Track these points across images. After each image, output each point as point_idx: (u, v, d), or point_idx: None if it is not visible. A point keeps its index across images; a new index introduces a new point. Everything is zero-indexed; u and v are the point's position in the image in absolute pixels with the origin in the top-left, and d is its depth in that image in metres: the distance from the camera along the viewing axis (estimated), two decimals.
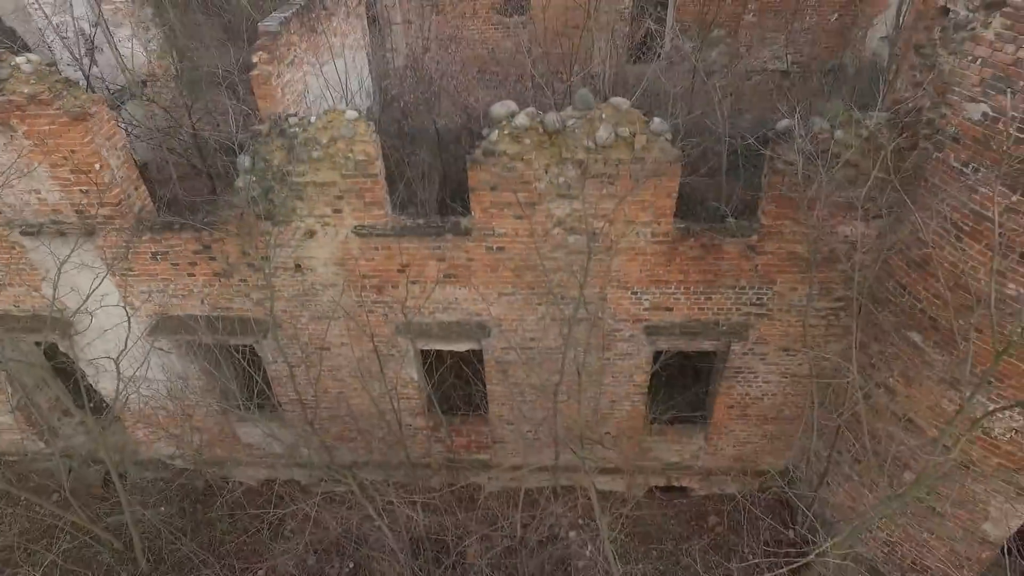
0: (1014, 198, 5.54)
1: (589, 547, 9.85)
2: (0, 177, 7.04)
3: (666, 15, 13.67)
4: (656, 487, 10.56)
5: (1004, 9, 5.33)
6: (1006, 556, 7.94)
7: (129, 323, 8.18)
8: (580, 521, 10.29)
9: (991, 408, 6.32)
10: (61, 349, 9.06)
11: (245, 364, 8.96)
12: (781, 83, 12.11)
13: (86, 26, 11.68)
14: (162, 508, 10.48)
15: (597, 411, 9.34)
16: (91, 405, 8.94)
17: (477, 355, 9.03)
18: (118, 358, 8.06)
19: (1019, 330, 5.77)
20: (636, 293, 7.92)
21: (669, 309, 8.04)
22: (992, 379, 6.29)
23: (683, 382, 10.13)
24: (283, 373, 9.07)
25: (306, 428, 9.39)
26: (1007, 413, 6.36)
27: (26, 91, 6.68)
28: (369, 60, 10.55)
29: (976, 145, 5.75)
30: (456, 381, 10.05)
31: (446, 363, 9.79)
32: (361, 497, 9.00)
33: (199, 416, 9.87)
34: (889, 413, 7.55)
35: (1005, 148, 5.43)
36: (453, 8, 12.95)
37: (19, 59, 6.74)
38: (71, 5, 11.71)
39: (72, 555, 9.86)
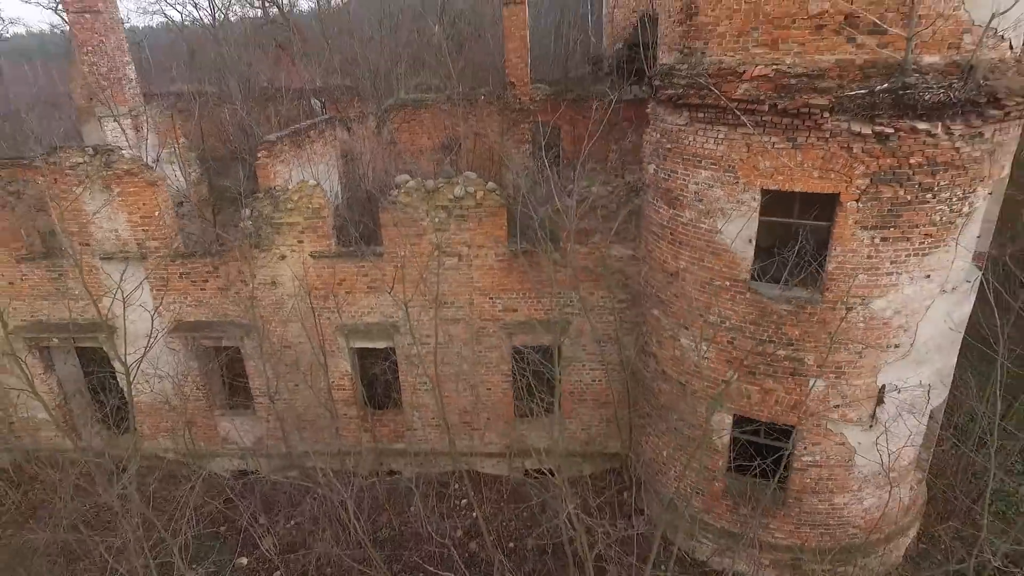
0: (672, 212, 9.97)
1: None
2: (96, 220, 11.62)
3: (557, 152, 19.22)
4: (528, 470, 13.72)
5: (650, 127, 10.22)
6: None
7: (152, 325, 12.24)
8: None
9: (693, 341, 10.20)
10: (104, 348, 12.97)
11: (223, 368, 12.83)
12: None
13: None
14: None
15: (477, 398, 12.97)
16: (114, 405, 12.58)
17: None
18: (144, 352, 11.97)
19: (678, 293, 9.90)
20: (492, 298, 12.08)
21: (515, 310, 12.15)
22: (688, 327, 10.24)
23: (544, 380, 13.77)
24: (258, 369, 12.89)
25: (270, 419, 12.99)
26: (686, 341, 10.18)
27: (124, 168, 11.50)
28: (339, 173, 15.77)
29: (654, 186, 10.33)
30: (382, 380, 13.72)
31: (375, 367, 13.58)
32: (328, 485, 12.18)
33: (192, 409, 13.44)
34: (655, 372, 11.30)
35: (662, 185, 10.00)
36: (406, 149, 18.54)
37: (124, 152, 11.65)
38: (145, 146, 17.22)
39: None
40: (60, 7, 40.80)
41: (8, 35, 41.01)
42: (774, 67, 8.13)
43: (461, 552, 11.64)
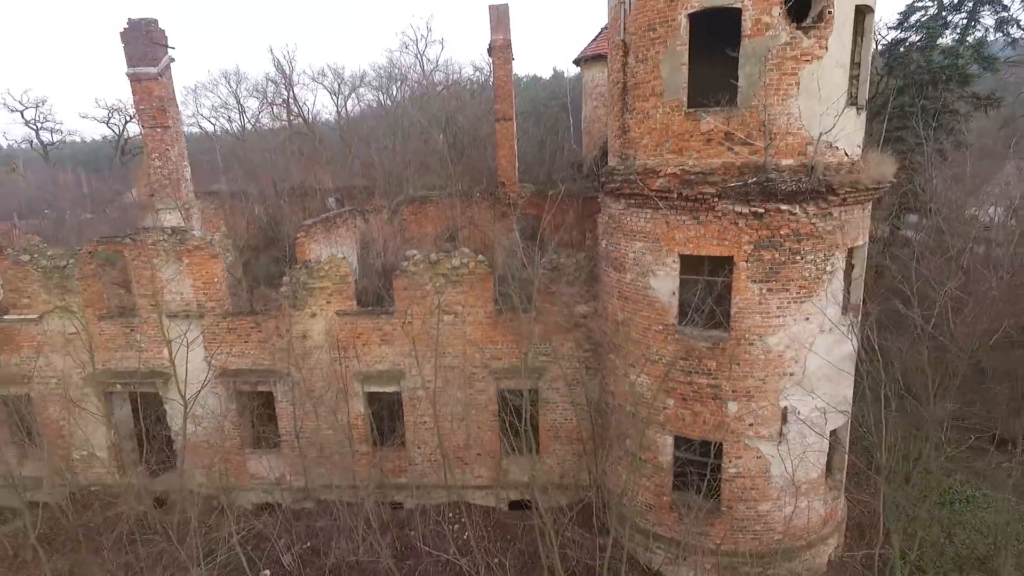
0: (618, 275, 12.97)
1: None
2: (168, 285, 14.66)
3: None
4: (512, 502, 15.86)
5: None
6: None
7: (208, 372, 14.95)
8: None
9: (639, 377, 12.88)
10: (160, 392, 15.57)
11: (254, 410, 15.39)
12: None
13: None
14: None
15: (469, 435, 15.42)
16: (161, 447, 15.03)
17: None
18: (196, 394, 14.63)
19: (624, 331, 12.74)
20: (481, 348, 14.86)
21: (500, 359, 14.89)
22: (635, 365, 12.97)
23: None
24: (286, 411, 15.45)
25: (293, 456, 15.39)
26: (643, 378, 12.83)
27: (194, 244, 14.68)
28: (358, 253, 18.99)
29: (605, 256, 13.40)
30: (389, 423, 16.17)
31: (384, 410, 16.09)
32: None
33: (227, 447, 15.84)
34: (613, 406, 13.88)
35: (610, 254, 13.09)
36: (414, 235, 21.90)
37: (194, 231, 14.89)
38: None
39: None
40: (111, 120, 46.34)
41: (55, 142, 46.01)
42: (680, 167, 11.44)
43: (454, 566, 13.72)
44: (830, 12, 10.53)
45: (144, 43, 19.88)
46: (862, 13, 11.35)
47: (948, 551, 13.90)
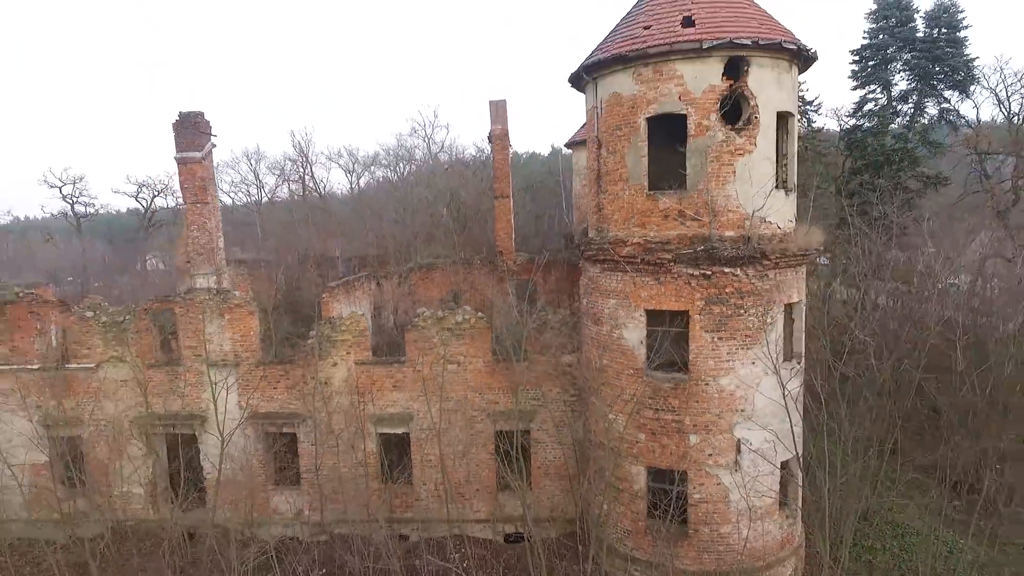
0: (596, 328, 15.35)
1: None
2: (210, 338, 17.02)
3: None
4: (508, 533, 17.57)
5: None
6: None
7: (242, 415, 17.07)
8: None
9: (615, 415, 15.01)
10: (196, 433, 17.61)
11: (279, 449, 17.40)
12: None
13: None
14: None
15: (469, 472, 17.35)
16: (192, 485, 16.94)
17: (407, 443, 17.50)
18: (231, 433, 16.72)
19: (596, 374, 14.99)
20: (480, 393, 17.04)
21: (497, 403, 17.04)
22: (611, 404, 15.12)
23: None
24: (308, 450, 17.46)
25: (311, 492, 17.29)
26: (618, 416, 14.95)
27: (236, 302, 17.16)
28: (371, 313, 21.42)
29: (586, 312, 15.83)
30: (398, 462, 18.09)
31: (393, 449, 18.06)
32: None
33: (255, 484, 17.72)
34: (594, 443, 15.92)
35: (590, 311, 15.53)
36: (422, 297, 24.40)
37: (235, 292, 17.40)
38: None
39: None
40: (140, 195, 49.96)
41: (87, 215, 49.40)
42: (643, 238, 14.03)
43: None
44: (756, 117, 13.40)
45: (191, 132, 23.11)
46: (784, 117, 14.25)
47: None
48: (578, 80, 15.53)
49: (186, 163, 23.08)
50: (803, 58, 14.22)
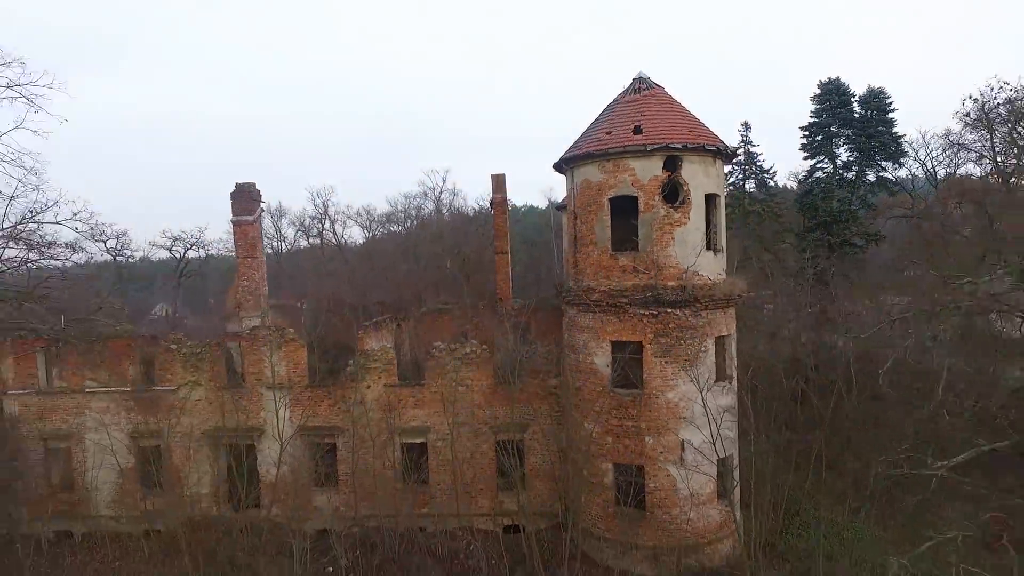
0: (574, 356, 19.84)
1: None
2: (268, 366, 21.49)
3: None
4: (507, 525, 21.58)
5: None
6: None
7: (294, 429, 21.35)
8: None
9: (589, 424, 19.36)
10: (256, 444, 21.82)
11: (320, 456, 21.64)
12: None
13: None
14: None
15: (475, 473, 21.52)
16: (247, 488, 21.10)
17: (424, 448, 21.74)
18: (284, 444, 20.94)
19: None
20: (484, 410, 21.39)
21: (497, 418, 21.38)
22: (586, 415, 19.47)
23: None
24: (344, 457, 21.66)
25: (347, 492, 21.43)
26: (591, 424, 19.27)
27: (290, 336, 21.67)
28: (393, 344, 25.95)
29: (566, 344, 20.35)
30: (417, 467, 22.22)
31: (414, 458, 22.23)
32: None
33: (301, 485, 21.83)
34: (575, 448, 20.17)
35: (569, 343, 20.08)
36: (434, 336, 28.91)
37: (290, 329, 21.95)
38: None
39: None
40: (173, 247, 54.95)
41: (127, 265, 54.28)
42: (608, 287, 18.71)
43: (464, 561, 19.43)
44: (689, 199, 18.28)
45: (245, 199, 28.06)
46: (712, 197, 19.11)
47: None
48: (560, 167, 20.52)
49: (240, 225, 27.91)
50: (725, 155, 19.22)
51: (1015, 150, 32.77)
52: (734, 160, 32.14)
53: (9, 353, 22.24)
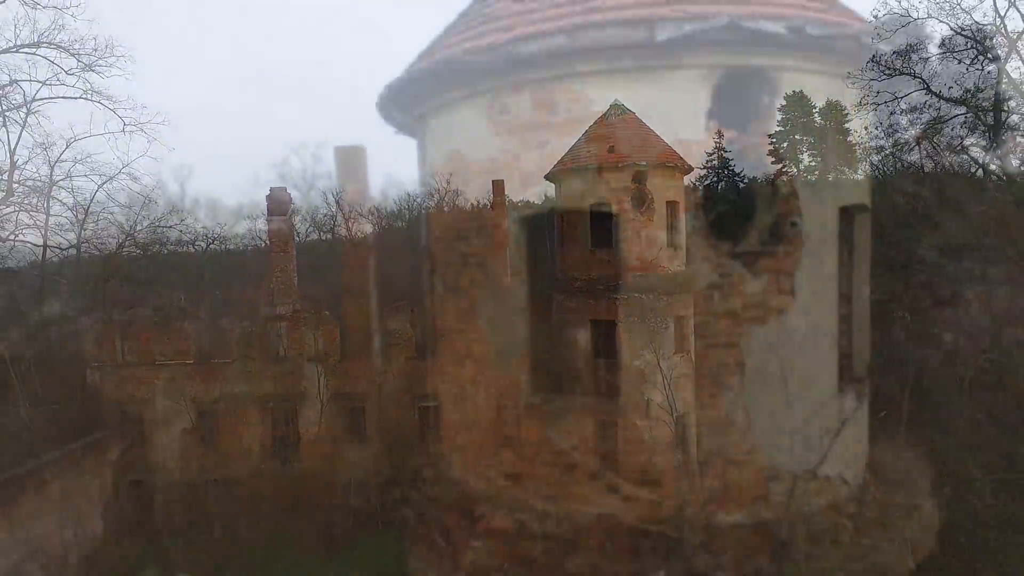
0: None
1: None
2: (308, 344, 25.89)
3: None
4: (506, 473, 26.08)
5: None
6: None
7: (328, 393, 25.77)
8: None
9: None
10: (296, 408, 26.23)
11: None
12: None
13: None
14: None
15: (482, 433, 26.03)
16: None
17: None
18: (323, 406, 25.32)
19: None
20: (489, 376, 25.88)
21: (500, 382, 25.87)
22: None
23: None
24: (372, 416, 26.10)
25: (375, 443, 25.94)
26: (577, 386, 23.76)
27: (326, 318, 26.07)
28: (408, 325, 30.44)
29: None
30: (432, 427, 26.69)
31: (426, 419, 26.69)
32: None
33: (335, 440, 26.24)
34: None
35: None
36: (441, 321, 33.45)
37: (327, 313, 26.35)
38: None
39: None
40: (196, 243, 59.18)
41: None
42: (588, 276, 23.16)
43: None
44: (653, 205, 22.71)
45: (278, 201, 32.40)
46: (672, 204, 23.52)
47: None
48: (551, 178, 24.93)
49: (274, 223, 32.26)
50: (683, 169, 23.66)
51: None
52: (708, 165, 36.71)
53: (116, 332, 26.61)
